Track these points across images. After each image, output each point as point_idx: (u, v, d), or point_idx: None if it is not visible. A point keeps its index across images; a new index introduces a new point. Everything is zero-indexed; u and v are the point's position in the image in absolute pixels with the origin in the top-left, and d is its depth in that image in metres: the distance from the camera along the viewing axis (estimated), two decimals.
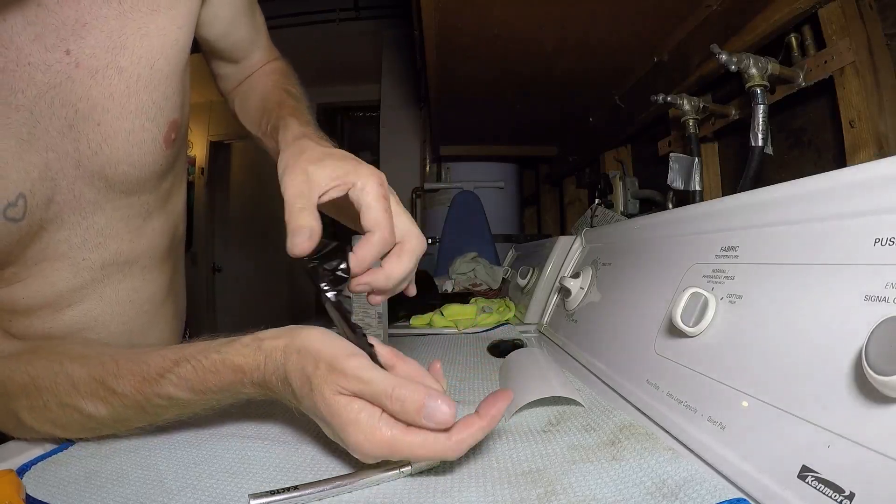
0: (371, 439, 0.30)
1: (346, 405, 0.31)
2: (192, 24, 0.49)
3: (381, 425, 0.30)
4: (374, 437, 0.30)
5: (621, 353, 0.51)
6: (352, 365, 0.31)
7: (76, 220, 0.46)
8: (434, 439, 0.30)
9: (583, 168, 1.73)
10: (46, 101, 0.40)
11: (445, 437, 0.30)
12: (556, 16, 0.86)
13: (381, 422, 0.30)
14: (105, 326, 0.51)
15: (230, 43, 0.61)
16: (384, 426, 0.30)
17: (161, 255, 0.57)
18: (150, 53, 0.45)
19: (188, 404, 0.36)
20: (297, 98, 0.57)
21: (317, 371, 0.31)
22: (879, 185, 0.28)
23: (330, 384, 0.31)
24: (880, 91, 0.61)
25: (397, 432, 0.30)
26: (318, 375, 0.31)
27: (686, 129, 0.88)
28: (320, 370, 0.31)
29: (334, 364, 0.31)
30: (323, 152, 0.41)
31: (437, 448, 0.30)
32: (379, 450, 0.30)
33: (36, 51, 0.39)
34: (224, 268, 3.57)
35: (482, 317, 0.95)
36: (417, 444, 0.30)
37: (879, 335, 0.23)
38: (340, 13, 2.93)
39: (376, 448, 0.30)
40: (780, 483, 0.26)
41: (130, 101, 0.45)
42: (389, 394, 0.30)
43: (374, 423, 0.30)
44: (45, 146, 0.41)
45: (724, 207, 0.43)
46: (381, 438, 0.30)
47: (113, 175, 0.46)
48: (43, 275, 0.45)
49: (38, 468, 0.37)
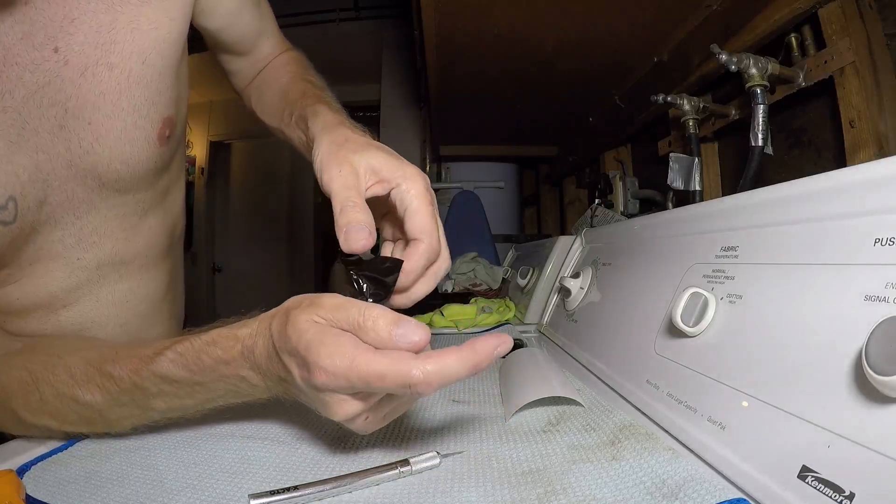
0: (332, 353, 0.28)
1: (315, 326, 0.29)
2: (186, 16, 0.48)
3: (345, 342, 0.28)
4: (337, 352, 0.28)
5: (621, 353, 0.51)
6: (329, 297, 0.31)
7: (70, 220, 0.45)
8: (399, 356, 0.28)
9: (583, 168, 1.73)
10: (35, 101, 0.39)
11: (412, 357, 0.28)
12: (556, 16, 0.86)
13: (346, 339, 0.28)
14: (101, 327, 0.51)
15: (236, 33, 0.59)
16: (349, 344, 0.28)
17: (159, 254, 0.56)
18: (141, 48, 0.44)
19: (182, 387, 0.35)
20: (320, 87, 0.55)
21: (298, 308, 0.30)
22: (879, 185, 0.28)
23: (306, 313, 0.30)
24: (880, 91, 0.61)
25: (361, 350, 0.28)
26: (297, 310, 0.30)
27: (686, 129, 0.88)
28: (301, 306, 0.30)
29: (314, 299, 0.31)
30: (366, 142, 0.39)
31: (402, 366, 0.27)
32: (339, 366, 0.27)
33: (24, 50, 0.38)
34: (224, 268, 3.57)
35: (482, 317, 0.95)
36: (380, 361, 0.27)
37: (879, 335, 0.23)
38: (340, 13, 2.93)
39: (337, 365, 0.27)
40: (780, 483, 0.26)
41: (122, 98, 0.44)
42: (362, 311, 0.29)
43: (339, 339, 0.28)
44: (35, 147, 0.40)
45: (724, 207, 0.43)
46: (343, 354, 0.28)
47: (106, 174, 0.45)
48: (37, 275, 0.45)
49: (38, 468, 0.37)
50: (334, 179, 0.36)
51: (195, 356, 0.34)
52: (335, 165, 0.37)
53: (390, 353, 0.28)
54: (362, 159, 0.37)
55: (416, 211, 0.36)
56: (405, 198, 0.37)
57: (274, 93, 0.59)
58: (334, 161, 0.37)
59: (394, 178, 0.37)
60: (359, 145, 0.38)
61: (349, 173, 0.36)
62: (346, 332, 0.29)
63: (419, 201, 0.37)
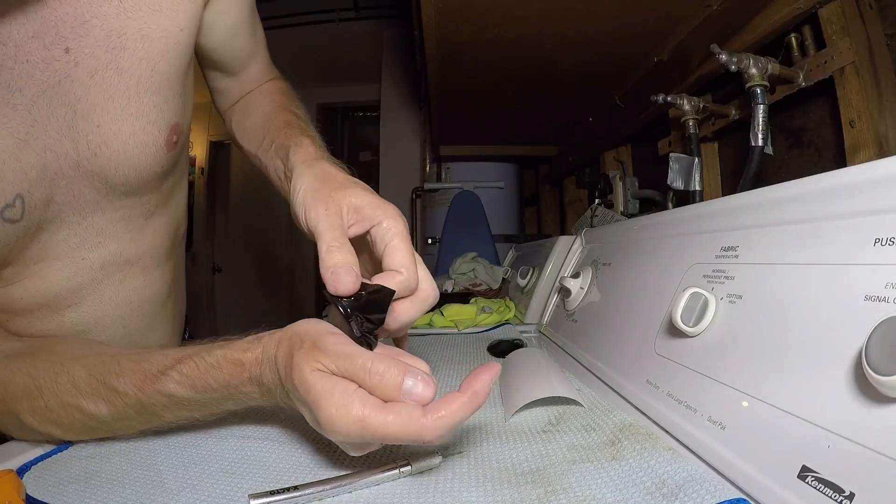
0: (343, 414, 0.28)
1: (321, 379, 0.29)
2: (194, 27, 0.48)
3: (354, 400, 0.28)
4: (347, 412, 0.28)
5: (621, 353, 0.51)
6: (332, 341, 0.31)
7: (75, 220, 0.45)
8: (410, 417, 0.28)
9: (583, 168, 1.73)
10: (45, 100, 0.40)
11: (421, 414, 0.28)
12: (556, 16, 0.86)
13: (355, 397, 0.29)
14: (104, 328, 0.51)
15: (230, 52, 0.59)
16: (357, 401, 0.28)
17: (162, 255, 0.56)
18: (151, 55, 0.44)
19: (189, 404, 0.36)
20: (304, 120, 0.56)
21: (300, 350, 0.31)
22: (879, 185, 0.28)
23: (310, 361, 0.30)
24: (880, 91, 0.61)
25: (371, 409, 0.28)
26: (300, 353, 0.31)
27: (686, 129, 0.88)
28: (304, 348, 0.31)
29: (317, 341, 0.31)
30: (348, 180, 0.40)
31: (413, 427, 0.28)
32: (351, 426, 0.28)
33: (35, 48, 0.38)
34: (224, 268, 3.57)
35: (482, 317, 0.95)
36: (392, 422, 0.28)
37: (879, 335, 0.23)
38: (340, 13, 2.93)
39: (348, 424, 0.28)
40: (780, 483, 0.26)
41: (131, 103, 0.44)
42: (368, 367, 0.29)
43: (348, 398, 0.28)
44: (44, 146, 0.40)
45: (724, 207, 0.43)
46: (353, 414, 0.28)
47: (113, 177, 0.45)
48: (41, 275, 0.45)
49: (38, 468, 0.37)
50: (321, 219, 0.37)
51: (201, 379, 0.35)
52: (320, 203, 0.37)
53: (400, 411, 0.28)
54: (345, 198, 0.38)
55: (397, 248, 0.37)
56: (385, 235, 0.38)
57: (256, 119, 0.59)
58: (319, 199, 0.38)
59: (375, 216, 0.38)
60: (341, 183, 0.39)
61: (334, 213, 0.37)
62: (352, 384, 0.29)
63: (399, 239, 0.37)
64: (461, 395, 0.29)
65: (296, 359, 0.31)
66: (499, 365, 0.31)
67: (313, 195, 0.38)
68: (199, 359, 0.35)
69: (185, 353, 0.36)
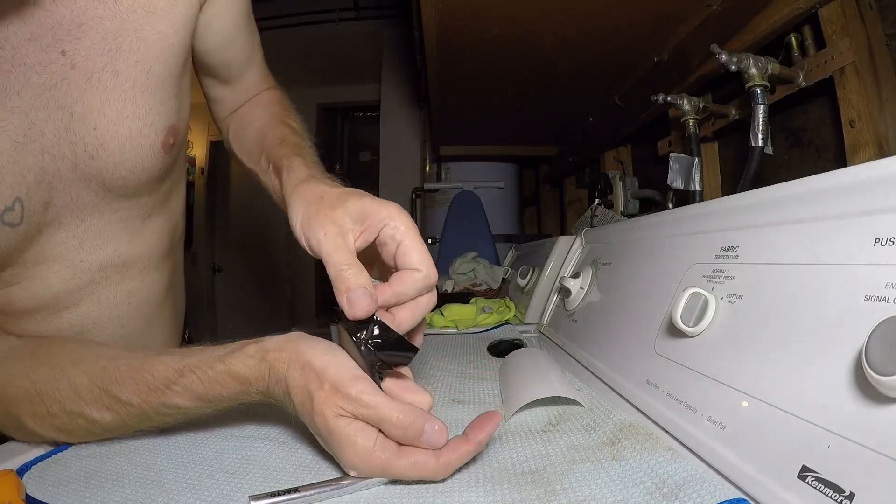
0: (367, 461, 0.31)
1: (345, 427, 0.31)
2: (189, 29, 0.48)
3: (376, 448, 0.31)
4: (370, 459, 0.31)
5: (621, 353, 0.51)
6: (357, 389, 0.32)
7: (73, 223, 0.45)
8: (424, 462, 0.32)
9: (583, 168, 1.73)
10: (42, 103, 0.39)
11: (434, 460, 0.32)
12: (556, 16, 0.86)
13: (377, 445, 0.31)
14: (102, 329, 0.51)
15: (226, 58, 0.59)
16: (379, 449, 0.31)
17: (160, 256, 0.56)
18: (146, 57, 0.44)
19: (194, 410, 0.37)
20: (299, 134, 0.55)
21: (320, 391, 0.32)
22: (879, 185, 0.28)
23: (331, 406, 0.31)
24: (880, 91, 0.61)
25: (390, 456, 0.31)
26: (320, 395, 0.32)
27: (686, 129, 0.88)
28: (324, 391, 0.32)
29: (338, 386, 0.32)
30: (342, 193, 0.39)
31: (426, 469, 0.32)
32: (373, 470, 0.32)
33: (32, 51, 0.38)
34: (224, 268, 3.57)
35: (482, 317, 0.95)
36: (408, 466, 0.31)
37: (879, 335, 0.23)
38: (340, 13, 2.93)
39: (371, 469, 0.32)
40: (780, 483, 0.26)
41: (127, 106, 0.44)
42: (393, 420, 0.31)
43: (371, 445, 0.31)
44: (41, 149, 0.40)
45: (724, 207, 0.43)
46: (375, 461, 0.31)
47: (111, 179, 0.45)
48: (40, 277, 0.45)
49: (38, 468, 0.37)
50: (322, 244, 0.36)
51: (204, 390, 0.35)
52: (318, 228, 0.37)
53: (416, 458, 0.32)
54: (343, 214, 0.37)
55: (411, 247, 0.37)
56: (395, 234, 0.37)
57: (251, 134, 0.58)
58: (316, 223, 0.37)
59: (380, 219, 0.37)
60: (335, 199, 0.38)
61: (335, 234, 0.36)
62: (373, 432, 0.32)
63: (411, 237, 0.37)
64: (468, 444, 0.32)
65: (316, 401, 0.32)
66: (500, 415, 0.34)
67: (309, 223, 0.37)
68: (201, 373, 0.35)
69: (186, 363, 0.35)
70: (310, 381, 0.32)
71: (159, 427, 0.39)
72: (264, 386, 0.34)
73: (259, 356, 0.34)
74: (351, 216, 0.37)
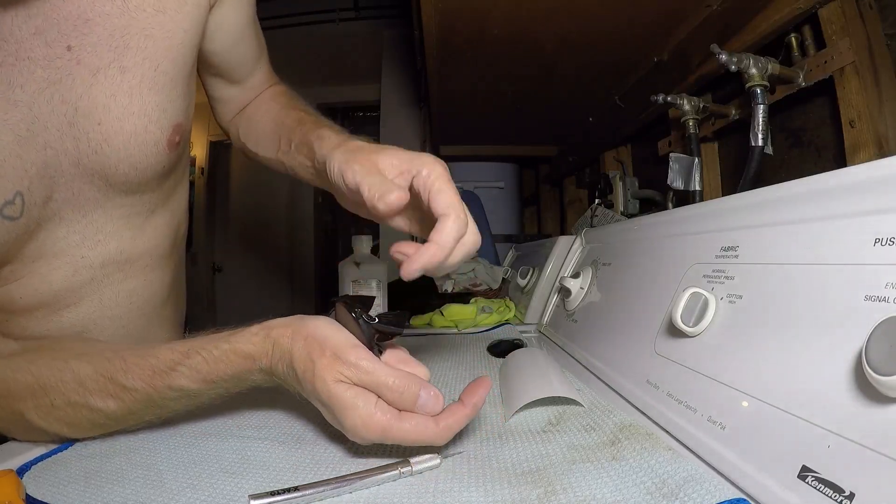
0: (367, 424, 0.32)
1: (345, 391, 0.33)
2: (198, 29, 0.49)
3: (376, 411, 0.32)
4: (371, 421, 0.32)
5: (621, 353, 0.51)
6: (354, 355, 0.33)
7: (75, 218, 0.45)
8: (424, 425, 0.33)
9: (583, 168, 1.73)
10: (46, 97, 0.40)
11: (434, 423, 0.33)
12: (556, 16, 0.85)
13: (377, 408, 0.33)
14: (103, 329, 0.51)
15: (236, 58, 0.59)
16: (379, 412, 0.33)
17: (163, 254, 0.56)
18: (154, 55, 0.44)
19: (198, 394, 0.37)
20: (315, 115, 0.56)
21: (322, 358, 0.33)
22: (879, 185, 0.28)
23: (332, 371, 0.33)
24: (880, 91, 0.61)
25: (391, 418, 0.33)
26: (322, 362, 0.33)
27: (686, 129, 0.88)
28: (325, 358, 0.33)
29: (339, 353, 0.33)
30: (379, 146, 0.41)
31: (426, 433, 0.33)
32: (374, 433, 0.33)
33: (37, 45, 0.38)
34: (224, 268, 3.57)
35: (482, 317, 0.95)
36: (409, 430, 0.33)
37: (879, 335, 0.23)
38: (340, 13, 2.93)
39: (371, 432, 0.32)
40: (780, 483, 0.26)
41: (133, 101, 0.44)
42: (389, 384, 0.33)
43: (371, 409, 0.32)
44: (44, 143, 0.41)
45: (724, 207, 0.43)
46: (376, 423, 0.32)
47: (113, 175, 0.45)
48: (40, 273, 0.45)
49: (38, 468, 0.37)
50: (357, 173, 0.38)
51: (210, 372, 0.36)
52: (355, 163, 0.39)
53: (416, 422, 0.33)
54: (380, 158, 0.40)
55: (441, 190, 0.38)
56: (427, 182, 0.38)
57: (266, 125, 0.59)
58: (353, 161, 0.39)
59: (413, 167, 0.39)
60: (373, 150, 0.41)
61: (371, 166, 0.39)
62: (372, 396, 0.33)
63: (441, 182, 0.38)
64: (464, 408, 0.34)
65: (318, 367, 0.33)
66: (490, 379, 0.36)
67: (347, 163, 0.40)
68: (207, 353, 0.36)
69: (191, 346, 0.36)
70: (312, 349, 0.34)
71: (163, 416, 0.39)
72: (268, 363, 0.35)
73: (263, 333, 0.35)
74: (388, 162, 0.39)
